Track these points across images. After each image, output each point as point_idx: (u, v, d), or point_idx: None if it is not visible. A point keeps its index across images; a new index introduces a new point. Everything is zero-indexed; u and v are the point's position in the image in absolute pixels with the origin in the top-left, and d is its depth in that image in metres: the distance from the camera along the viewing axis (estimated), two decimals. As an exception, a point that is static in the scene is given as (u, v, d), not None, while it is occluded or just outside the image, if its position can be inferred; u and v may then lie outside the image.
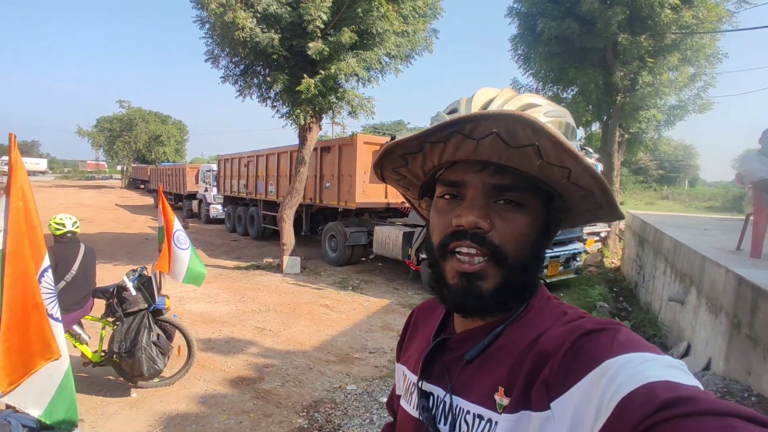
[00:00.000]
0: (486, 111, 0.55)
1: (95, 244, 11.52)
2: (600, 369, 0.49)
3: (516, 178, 0.61)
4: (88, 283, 3.80)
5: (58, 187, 40.41)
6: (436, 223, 0.66)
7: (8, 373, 1.59)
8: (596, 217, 0.68)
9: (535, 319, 0.64)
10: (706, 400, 0.41)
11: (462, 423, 0.63)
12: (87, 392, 3.94)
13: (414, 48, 9.68)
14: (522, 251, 0.62)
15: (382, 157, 0.70)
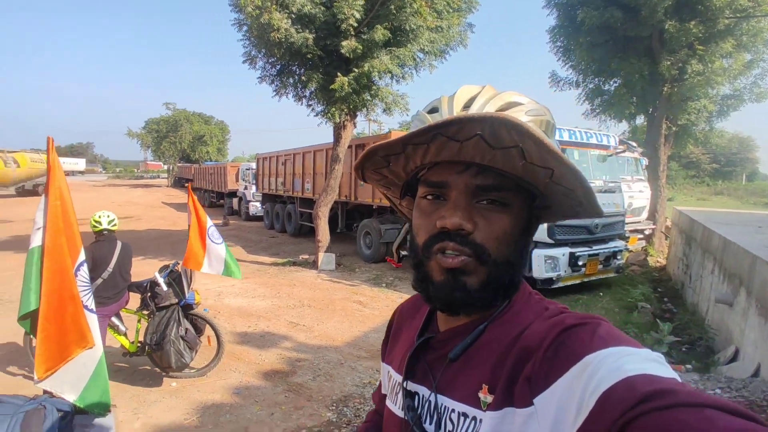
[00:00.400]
0: (470, 114, 0.55)
1: (142, 241, 12.16)
2: (581, 364, 0.49)
3: (499, 179, 0.61)
4: (124, 278, 4.00)
5: (110, 187, 42.69)
6: (419, 224, 0.66)
7: (45, 360, 1.72)
8: (576, 214, 0.68)
9: (518, 316, 0.64)
10: (683, 392, 0.42)
11: (447, 422, 0.63)
12: (131, 382, 4.16)
13: (448, 43, 9.58)
14: (505, 249, 0.63)
15: (364, 159, 0.69)
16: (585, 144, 7.30)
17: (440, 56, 10.10)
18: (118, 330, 4.10)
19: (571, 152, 7.23)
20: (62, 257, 1.81)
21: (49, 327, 1.72)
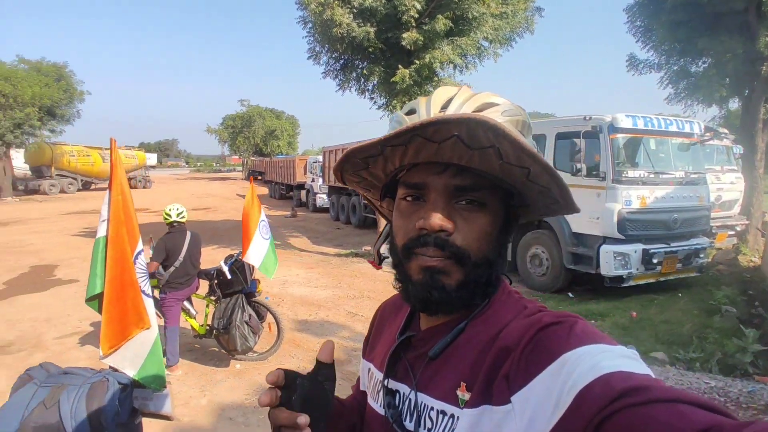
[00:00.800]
0: (447, 115, 0.55)
1: (217, 231, 12.97)
2: (558, 362, 0.50)
3: (477, 179, 0.62)
4: (194, 265, 4.31)
5: (191, 180, 45.99)
6: (399, 225, 0.67)
7: (108, 338, 1.93)
8: (553, 211, 0.70)
9: (497, 314, 0.65)
10: (657, 388, 0.43)
11: (426, 419, 0.64)
12: (201, 361, 4.50)
13: (514, 30, 9.23)
14: (484, 249, 0.64)
15: (342, 162, 0.70)
16: (663, 132, 6.71)
17: (506, 44, 9.77)
18: (189, 313, 4.44)
19: (647, 141, 6.70)
20: (123, 246, 2.01)
21: (112, 309, 1.93)
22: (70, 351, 4.70)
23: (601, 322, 5.43)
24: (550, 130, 7.08)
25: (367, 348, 0.88)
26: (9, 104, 19.40)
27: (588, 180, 6.32)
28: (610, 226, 6.12)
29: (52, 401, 1.44)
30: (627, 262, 6.14)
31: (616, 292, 6.36)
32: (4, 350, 4.77)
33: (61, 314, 5.76)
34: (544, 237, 7.06)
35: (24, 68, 20.76)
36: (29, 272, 8.13)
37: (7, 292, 6.92)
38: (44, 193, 23.69)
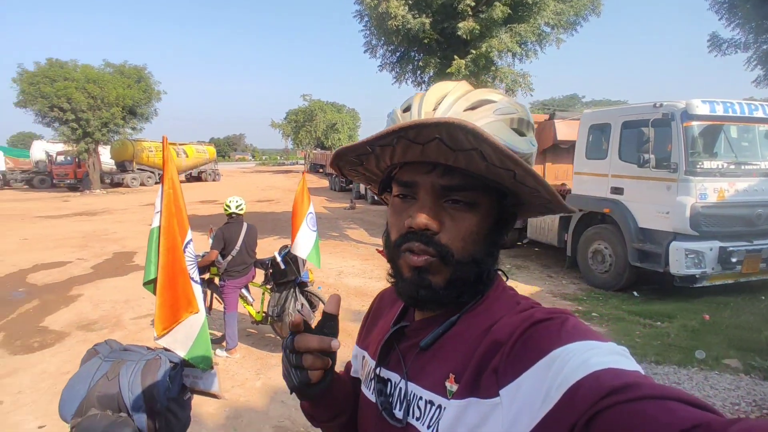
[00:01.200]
0: (424, 120, 0.55)
1: (279, 222, 13.50)
2: (548, 358, 0.51)
3: (465, 178, 0.62)
4: (250, 255, 4.53)
5: (256, 173, 48.06)
6: (392, 223, 0.69)
7: (161, 321, 2.10)
8: (549, 210, 0.69)
9: (489, 309, 0.66)
10: (647, 385, 0.44)
11: (415, 408, 0.65)
12: (257, 346, 4.74)
13: (578, 13, 8.77)
14: (470, 248, 0.64)
15: (336, 159, 0.72)
16: (747, 118, 6.08)
17: (569, 28, 9.30)
18: (246, 300, 4.69)
19: (728, 129, 6.11)
20: (174, 237, 2.18)
21: (165, 294, 2.10)
22: (143, 331, 5.12)
23: (668, 324, 5.08)
24: (616, 119, 6.67)
25: (362, 335, 0.89)
26: (97, 105, 21.29)
27: (657, 172, 5.89)
28: (682, 221, 5.67)
29: (113, 374, 1.59)
30: (701, 261, 5.66)
31: (687, 293, 5.91)
32: (89, 327, 5.29)
33: (137, 297, 6.28)
34: (607, 232, 6.70)
35: (109, 71, 22.66)
36: (112, 258, 8.93)
37: (94, 275, 7.65)
38: (127, 186, 25.84)
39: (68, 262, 8.45)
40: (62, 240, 10.61)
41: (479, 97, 0.63)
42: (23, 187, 26.00)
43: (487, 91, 0.65)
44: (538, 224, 8.58)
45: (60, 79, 20.50)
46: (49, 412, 3.47)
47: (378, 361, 0.74)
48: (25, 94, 20.24)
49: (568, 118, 8.88)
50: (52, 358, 4.48)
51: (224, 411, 3.53)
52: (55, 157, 25.02)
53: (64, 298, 6.40)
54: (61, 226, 12.70)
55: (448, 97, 0.63)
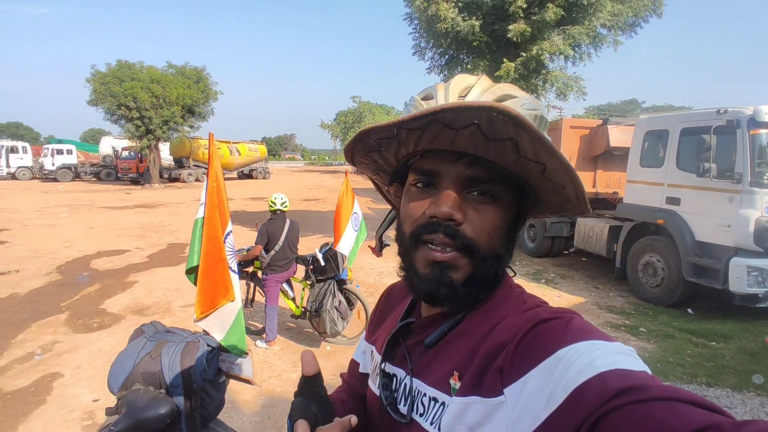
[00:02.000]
0: (469, 102, 0.53)
1: (324, 221, 13.77)
2: (553, 358, 0.50)
3: (491, 171, 0.60)
4: (292, 250, 4.66)
5: (305, 172, 49.14)
6: (408, 212, 0.66)
7: (201, 305, 2.22)
8: (564, 209, 0.68)
9: (495, 308, 0.65)
10: (654, 386, 0.43)
11: (419, 404, 0.65)
12: (295, 340, 4.87)
13: (638, 14, 8.40)
14: (494, 243, 0.63)
15: (355, 142, 0.68)
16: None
17: (628, 30, 8.92)
18: (287, 294, 4.83)
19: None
20: (215, 227, 2.30)
21: (205, 280, 2.23)
22: (190, 317, 5.29)
23: (723, 345, 4.76)
24: (674, 126, 6.32)
25: (370, 329, 0.90)
26: (159, 104, 22.59)
27: (718, 182, 5.54)
28: (745, 236, 5.29)
29: (156, 353, 1.71)
30: (765, 279, 5.26)
31: (747, 313, 5.51)
32: (142, 312, 5.63)
33: (187, 286, 6.56)
34: (660, 244, 6.36)
35: (172, 72, 23.98)
36: (166, 248, 9.44)
37: (149, 264, 8.12)
38: (183, 181, 27.19)
39: (127, 251, 9.03)
40: (123, 230, 11.34)
41: (505, 91, 0.62)
42: (92, 179, 27.95)
43: (510, 86, 0.63)
44: (586, 233, 8.26)
45: (127, 80, 21.91)
46: (103, 387, 3.70)
47: (384, 356, 0.74)
48: (96, 93, 21.76)
49: (623, 124, 8.50)
50: (109, 338, 4.81)
51: (261, 399, 3.66)
52: (120, 152, 26.76)
53: (122, 283, 6.84)
54: (122, 217, 13.56)
55: (476, 88, 0.62)
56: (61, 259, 8.19)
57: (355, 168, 0.82)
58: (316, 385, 0.67)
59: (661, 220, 6.28)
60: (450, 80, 0.65)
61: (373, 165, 0.75)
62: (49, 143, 31.17)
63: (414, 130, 0.60)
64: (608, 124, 8.57)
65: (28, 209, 14.44)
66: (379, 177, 0.79)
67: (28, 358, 4.34)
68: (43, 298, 6.04)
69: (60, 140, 33.19)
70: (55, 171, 26.47)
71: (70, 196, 18.70)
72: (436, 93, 0.64)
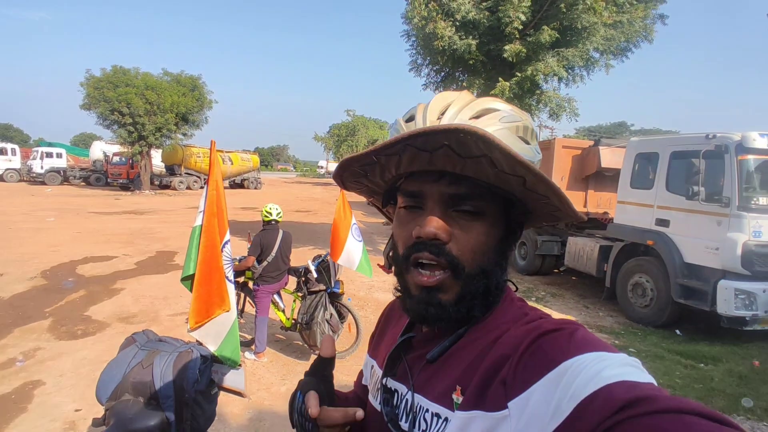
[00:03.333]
0: (434, 126, 0.54)
1: (315, 233, 13.71)
2: (558, 370, 0.49)
3: (473, 187, 0.61)
4: (284, 261, 4.63)
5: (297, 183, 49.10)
6: (398, 234, 0.68)
7: (195, 315, 2.19)
8: (556, 218, 0.68)
9: (497, 321, 0.65)
10: (661, 398, 0.42)
11: (422, 420, 0.64)
12: (285, 352, 4.80)
13: (629, 40, 8.60)
14: (480, 259, 0.63)
15: (340, 171, 0.70)
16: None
17: (620, 54, 9.13)
18: (278, 306, 4.78)
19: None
20: (213, 236, 2.28)
21: (201, 289, 2.20)
22: (178, 327, 5.30)
23: (712, 367, 4.79)
24: (665, 149, 6.44)
25: (372, 344, 0.89)
26: (153, 110, 22.51)
27: (707, 205, 5.63)
28: (733, 258, 5.37)
29: (147, 362, 1.67)
30: (752, 302, 5.33)
31: (736, 336, 5.56)
32: (129, 320, 5.52)
33: (175, 294, 6.51)
34: (649, 264, 6.42)
35: (167, 80, 23.96)
36: (155, 256, 9.31)
37: (137, 271, 8.00)
38: (174, 189, 26.99)
39: (115, 257, 8.89)
40: (111, 236, 11.18)
41: (484, 105, 0.63)
42: (81, 183, 27.62)
43: (491, 100, 0.64)
44: (576, 252, 8.32)
45: (122, 85, 21.84)
46: (85, 397, 3.64)
47: (385, 372, 0.73)
48: (90, 98, 21.64)
49: (614, 145, 8.65)
50: (93, 345, 4.71)
51: (248, 412, 3.59)
52: (111, 158, 26.52)
53: (108, 290, 6.72)
54: (111, 223, 13.39)
55: (453, 106, 0.63)
56: (46, 263, 8.04)
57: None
58: (327, 370, 0.69)
59: (651, 241, 6.35)
60: (431, 100, 0.66)
61: (366, 189, 0.77)
62: (38, 146, 30.83)
63: (392, 155, 0.62)
64: (600, 145, 8.70)
65: (14, 212, 14.21)
66: (375, 199, 0.81)
67: (9, 364, 4.23)
68: (26, 303, 5.91)
69: (50, 143, 32.81)
70: (43, 174, 26.15)
71: (58, 200, 18.45)
72: (416, 113, 0.65)
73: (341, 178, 0.74)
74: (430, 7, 7.95)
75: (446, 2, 7.91)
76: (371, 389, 0.80)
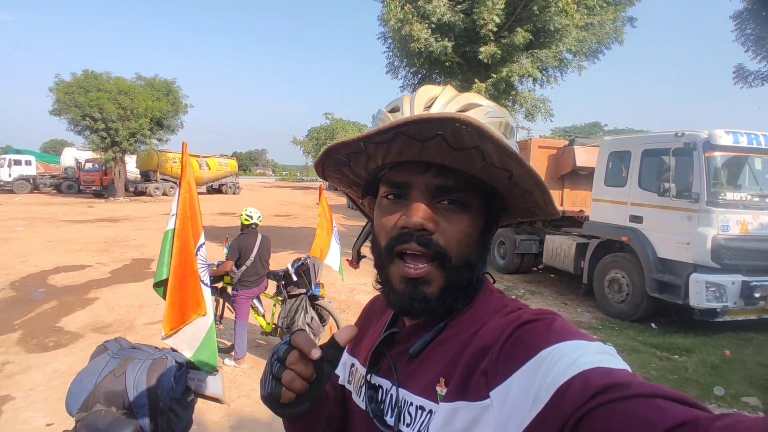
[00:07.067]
0: (432, 114, 0.54)
1: (295, 237, 13.61)
2: (537, 358, 0.50)
3: (459, 179, 0.62)
4: (263, 266, 4.57)
5: (276, 188, 48.69)
6: (381, 225, 0.67)
7: (170, 321, 2.14)
8: (533, 214, 0.69)
9: (477, 313, 0.65)
10: (635, 384, 0.44)
11: (406, 414, 0.64)
12: (266, 357, 4.70)
13: (601, 41, 8.80)
14: (465, 251, 0.63)
15: (324, 158, 0.69)
16: (773, 151, 5.97)
17: (591, 56, 9.34)
18: (257, 311, 4.72)
19: (753, 161, 6.00)
20: (187, 239, 2.24)
21: (175, 294, 2.15)
22: (155, 336, 5.17)
23: (686, 358, 4.92)
24: (636, 147, 6.61)
25: (352, 342, 0.86)
26: (127, 116, 22.02)
27: (677, 201, 5.79)
28: (703, 252, 5.53)
29: (120, 371, 1.62)
30: (722, 295, 5.50)
31: (708, 327, 5.73)
32: (103, 330, 5.37)
33: (152, 303, 6.36)
34: (624, 261, 6.57)
35: (141, 84, 23.47)
36: (130, 264, 9.09)
37: (112, 280, 7.80)
38: (150, 195, 26.44)
39: (88, 266, 8.65)
40: (84, 244, 10.88)
41: (469, 100, 0.63)
42: (51, 191, 26.81)
43: (475, 95, 0.65)
44: (554, 250, 8.46)
45: (94, 90, 21.30)
46: (57, 411, 3.52)
47: (369, 368, 0.73)
48: (60, 103, 21.04)
49: (588, 145, 8.83)
50: (65, 358, 4.56)
51: (229, 420, 3.53)
52: (83, 164, 25.80)
53: (82, 300, 6.53)
54: (84, 231, 13.02)
55: (440, 99, 0.63)
56: (15, 274, 7.77)
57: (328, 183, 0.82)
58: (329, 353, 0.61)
59: (626, 238, 6.50)
60: (416, 92, 0.65)
61: (345, 179, 0.76)
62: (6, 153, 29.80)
63: (381, 144, 0.61)
64: (574, 144, 8.88)
65: (-20, 222, 13.69)
66: (352, 191, 0.79)
67: (-25, 380, 4.06)
68: (-6, 316, 5.70)
69: (18, 150, 31.78)
70: (11, 182, 25.28)
71: (28, 209, 17.86)
72: (402, 105, 0.65)
73: (323, 166, 0.72)
74: (406, 9, 7.99)
75: (422, 5, 7.96)
76: (354, 388, 0.79)
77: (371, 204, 0.76)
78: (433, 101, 0.63)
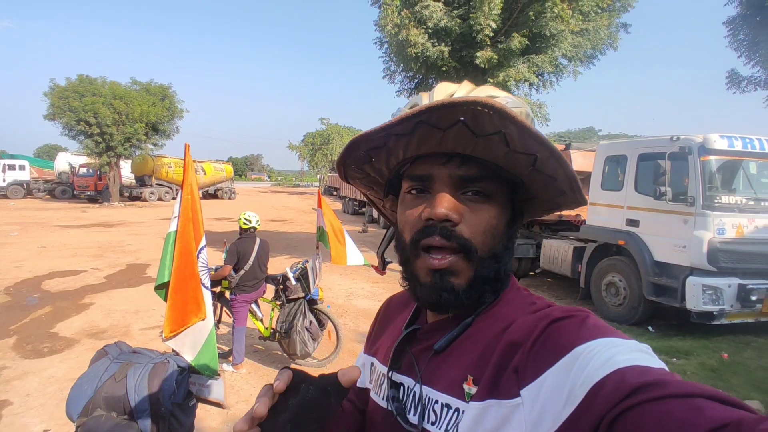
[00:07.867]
0: (453, 99, 0.53)
1: (292, 241, 13.58)
2: (570, 356, 0.49)
3: (482, 169, 0.61)
4: (262, 270, 4.55)
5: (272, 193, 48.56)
6: (405, 220, 0.66)
7: (170, 323, 2.12)
8: (558, 206, 0.68)
9: (504, 310, 0.64)
10: (673, 382, 0.42)
11: (431, 412, 0.63)
12: (264, 363, 4.71)
13: (596, 47, 8.87)
14: (490, 242, 0.62)
15: (347, 154, 0.68)
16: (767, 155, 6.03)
17: (587, 61, 9.41)
18: (255, 315, 4.69)
19: (747, 165, 6.05)
20: (188, 241, 2.22)
21: (176, 297, 2.13)
22: (151, 341, 5.13)
23: (684, 361, 4.93)
24: (632, 151, 6.65)
25: (369, 342, 0.88)
26: (122, 120, 21.94)
27: (674, 205, 5.82)
28: (699, 255, 5.56)
29: (121, 375, 1.60)
30: (719, 297, 5.52)
31: (706, 330, 5.74)
32: (99, 336, 5.32)
33: (148, 308, 6.32)
34: (621, 264, 6.59)
35: (136, 89, 23.41)
36: (126, 269, 9.03)
37: (107, 285, 7.73)
38: (145, 200, 26.31)
39: (83, 271, 8.58)
40: (78, 249, 10.79)
41: (487, 92, 0.63)
42: (45, 196, 26.63)
43: (492, 88, 0.64)
44: (551, 254, 8.48)
45: (88, 95, 21.22)
46: (54, 416, 3.48)
47: (390, 365, 0.72)
48: (54, 108, 20.94)
49: (584, 149, 8.88)
50: (61, 363, 4.51)
51: (227, 426, 3.49)
52: (77, 169, 25.66)
53: (76, 305, 6.47)
54: (78, 236, 12.93)
55: (460, 90, 0.62)
56: (9, 280, 7.69)
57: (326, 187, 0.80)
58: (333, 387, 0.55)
59: (622, 241, 6.53)
60: (433, 88, 0.65)
61: (366, 178, 0.75)
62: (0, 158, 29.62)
63: (402, 136, 0.61)
64: (570, 149, 8.93)
65: (-27, 227, 13.56)
66: (373, 192, 0.79)
67: (-31, 386, 4.01)
68: (-12, 322, 5.63)
69: (12, 155, 31.56)
70: (5, 187, 25.13)
71: (22, 214, 17.72)
72: (421, 101, 0.64)
73: (344, 165, 0.71)
74: (403, 14, 8.03)
75: (418, 10, 8.00)
76: (373, 386, 0.78)
77: (393, 206, 0.75)
78: (452, 95, 0.62)
